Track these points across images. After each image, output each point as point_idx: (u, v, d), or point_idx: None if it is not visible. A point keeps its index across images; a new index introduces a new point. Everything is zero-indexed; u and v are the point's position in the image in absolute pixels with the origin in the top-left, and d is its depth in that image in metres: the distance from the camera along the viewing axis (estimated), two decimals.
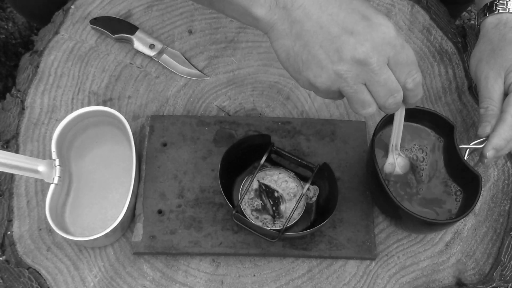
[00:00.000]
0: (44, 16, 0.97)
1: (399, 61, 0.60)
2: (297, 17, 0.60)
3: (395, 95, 0.61)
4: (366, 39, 0.58)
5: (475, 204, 0.71)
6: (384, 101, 0.61)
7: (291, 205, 0.77)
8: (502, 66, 0.76)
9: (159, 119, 0.84)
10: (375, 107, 0.62)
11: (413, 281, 0.78)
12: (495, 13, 0.81)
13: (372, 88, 0.60)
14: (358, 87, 0.60)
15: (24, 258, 0.77)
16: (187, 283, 0.76)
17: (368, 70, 0.59)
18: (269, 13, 0.61)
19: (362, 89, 0.60)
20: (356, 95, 0.61)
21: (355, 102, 0.62)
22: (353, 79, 0.59)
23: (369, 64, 0.58)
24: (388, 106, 0.62)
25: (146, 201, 0.79)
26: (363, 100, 0.61)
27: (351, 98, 0.61)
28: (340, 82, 0.60)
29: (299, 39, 0.60)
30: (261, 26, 0.63)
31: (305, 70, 0.61)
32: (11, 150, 0.83)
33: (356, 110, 0.62)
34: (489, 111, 0.75)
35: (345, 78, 0.59)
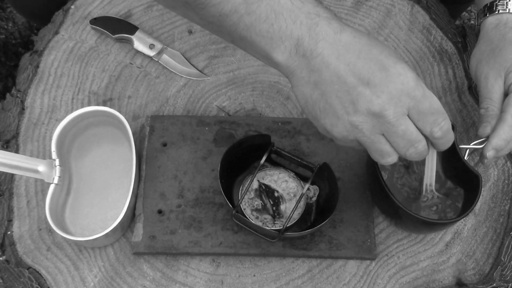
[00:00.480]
0: (44, 16, 0.97)
1: (421, 111, 0.58)
2: (316, 65, 0.59)
3: (415, 145, 0.59)
4: (382, 91, 0.57)
5: (475, 204, 0.71)
6: (404, 152, 0.60)
7: (291, 205, 0.77)
8: (502, 66, 0.76)
9: (159, 119, 0.84)
10: (396, 157, 0.61)
11: (413, 281, 0.78)
12: (495, 13, 0.81)
13: (391, 139, 0.59)
14: (375, 137, 0.59)
15: (24, 258, 0.77)
16: (187, 283, 0.76)
17: (384, 122, 0.58)
18: (289, 60, 0.60)
19: (379, 139, 0.59)
20: (373, 145, 0.60)
21: (374, 152, 0.61)
22: (369, 130, 0.59)
23: (385, 117, 0.57)
24: (409, 156, 0.60)
25: (146, 201, 0.79)
26: (382, 150, 0.60)
27: (369, 148, 0.61)
28: (356, 133, 0.59)
29: (317, 88, 0.60)
30: (282, 71, 0.62)
31: (323, 119, 0.61)
32: (11, 150, 0.83)
33: (375, 159, 0.62)
34: (489, 111, 0.75)
35: (361, 129, 0.59)
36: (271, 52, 0.61)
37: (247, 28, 0.60)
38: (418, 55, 0.92)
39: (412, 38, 0.94)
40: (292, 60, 0.60)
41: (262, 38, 0.60)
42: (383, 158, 0.61)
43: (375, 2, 0.96)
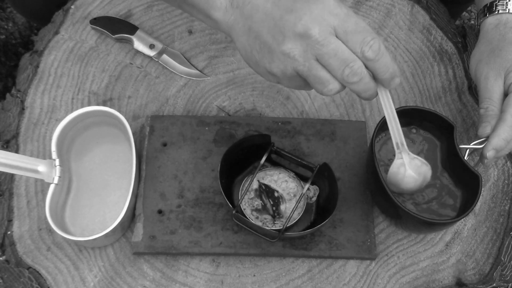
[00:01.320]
0: (44, 16, 0.97)
1: (347, 30, 0.59)
2: (248, 12, 0.62)
3: (350, 65, 0.59)
4: (305, 13, 0.58)
5: (475, 204, 0.71)
6: (340, 74, 0.59)
7: (291, 205, 0.77)
8: (502, 66, 0.76)
9: (159, 119, 0.84)
10: (337, 84, 0.61)
11: (413, 281, 0.78)
12: (495, 13, 0.81)
13: (324, 62, 0.59)
14: (310, 63, 0.60)
15: (24, 258, 0.77)
16: (187, 283, 0.76)
17: (312, 43, 0.58)
18: (226, 15, 0.64)
19: (314, 65, 0.60)
20: (310, 72, 0.60)
21: (314, 82, 0.61)
22: (302, 56, 0.59)
23: (311, 36, 0.58)
24: (347, 79, 0.59)
25: (146, 201, 0.79)
26: (320, 76, 0.60)
27: (308, 77, 0.61)
28: (292, 63, 0.60)
29: (251, 32, 0.62)
30: (222, 28, 0.66)
31: (261, 60, 0.63)
32: (11, 150, 0.83)
33: (318, 90, 0.62)
34: (489, 111, 0.75)
35: (293, 56, 0.59)
36: (209, 10, 0.64)
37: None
38: (418, 55, 0.92)
39: (412, 38, 0.94)
40: (228, 15, 0.64)
41: None
42: (324, 86, 0.60)
43: (375, 2, 0.96)
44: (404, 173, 0.70)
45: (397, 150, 0.69)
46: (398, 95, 0.89)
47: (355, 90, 0.61)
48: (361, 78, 0.60)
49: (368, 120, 0.87)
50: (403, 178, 0.71)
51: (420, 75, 0.91)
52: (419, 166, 0.70)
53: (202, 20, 0.68)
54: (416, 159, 0.70)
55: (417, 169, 0.70)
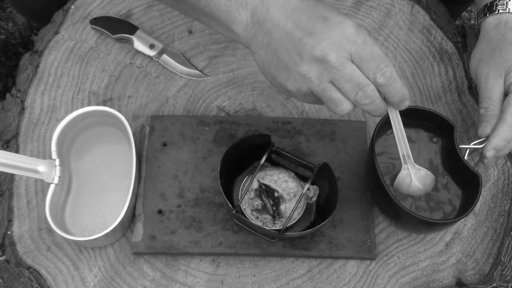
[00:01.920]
0: (44, 16, 0.97)
1: (363, 57, 0.61)
2: (268, 29, 0.64)
3: (363, 89, 0.61)
4: (324, 38, 0.60)
5: (475, 204, 0.71)
6: (354, 96, 0.62)
7: (291, 205, 0.77)
8: (502, 66, 0.76)
9: (159, 119, 0.84)
10: (349, 104, 0.63)
11: (413, 281, 0.78)
12: (495, 13, 0.81)
13: (339, 85, 0.62)
14: (325, 85, 0.62)
15: (24, 258, 0.77)
16: (187, 283, 0.76)
17: (329, 67, 0.61)
18: (246, 29, 0.66)
19: (329, 87, 0.62)
20: (325, 93, 0.62)
21: (327, 101, 0.63)
22: (317, 78, 0.62)
23: (328, 61, 0.60)
24: (360, 101, 0.62)
25: (146, 201, 0.79)
26: (334, 98, 0.62)
27: (322, 97, 0.63)
28: (307, 83, 0.62)
29: (270, 48, 0.64)
30: (242, 41, 0.67)
31: (277, 75, 0.65)
32: (11, 150, 0.83)
33: (331, 110, 0.64)
34: (489, 111, 0.75)
35: (309, 78, 0.62)
36: (231, 24, 0.66)
37: (207, 4, 0.66)
38: (418, 55, 0.92)
39: (412, 38, 0.94)
40: (249, 29, 0.65)
41: (221, 12, 0.66)
42: (337, 106, 0.63)
43: (375, 2, 0.96)
44: (410, 183, 0.72)
45: (404, 162, 0.71)
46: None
47: (366, 110, 0.64)
48: (373, 101, 0.62)
49: (368, 120, 0.87)
50: (409, 188, 0.73)
51: (420, 75, 0.91)
52: (423, 176, 0.72)
53: (220, 32, 0.70)
54: (421, 170, 0.72)
55: (421, 179, 0.72)
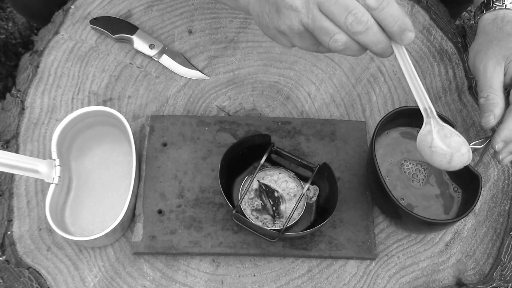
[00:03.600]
0: (44, 16, 0.97)
1: None
2: None
3: (353, 12, 0.56)
4: None
5: (475, 204, 0.71)
6: (344, 22, 0.57)
7: (291, 205, 0.77)
8: (502, 55, 0.75)
9: (159, 119, 0.84)
10: (343, 35, 0.58)
11: (413, 281, 0.78)
12: (491, 9, 0.81)
13: (326, 11, 0.58)
14: (314, 13, 0.58)
15: (24, 258, 0.77)
16: (187, 283, 0.76)
17: None
18: None
19: (318, 15, 0.58)
20: (315, 24, 0.59)
21: (319, 34, 0.60)
22: (304, 6, 0.59)
23: None
24: (352, 28, 0.57)
25: (146, 201, 0.79)
26: (324, 27, 0.59)
27: (314, 30, 0.60)
28: (296, 15, 0.59)
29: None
30: (242, 6, 0.68)
31: (270, 21, 0.63)
32: (11, 150, 0.83)
33: (325, 44, 0.60)
34: (490, 100, 0.73)
35: (296, 7, 0.59)
36: None
37: None
38: (418, 55, 0.92)
39: None
40: None
41: None
42: (329, 36, 0.58)
43: None
44: (431, 142, 0.64)
45: (425, 116, 0.64)
46: (398, 95, 0.89)
47: (364, 42, 0.58)
48: (367, 28, 0.57)
49: (368, 120, 0.87)
50: (429, 148, 0.64)
51: (420, 75, 0.91)
52: (448, 136, 0.64)
53: (223, 2, 0.72)
54: (446, 128, 0.63)
55: (445, 139, 0.64)
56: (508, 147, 0.72)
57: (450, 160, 0.64)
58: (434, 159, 0.65)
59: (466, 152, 0.64)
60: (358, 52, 0.60)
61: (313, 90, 0.89)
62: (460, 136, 0.64)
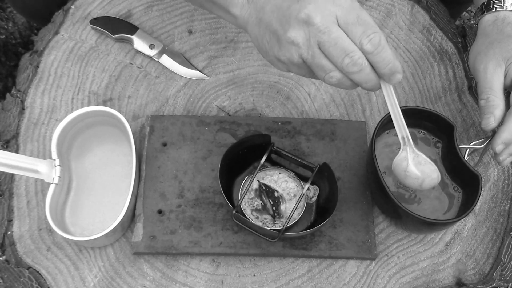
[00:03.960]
0: (44, 16, 0.97)
1: (348, 21, 0.60)
2: (260, 5, 0.66)
3: (350, 55, 0.60)
4: (310, 2, 0.61)
5: (475, 204, 0.71)
6: (340, 63, 0.61)
7: (291, 205, 0.77)
8: (502, 57, 0.75)
9: (159, 119, 0.84)
10: (338, 73, 0.62)
11: (413, 281, 0.78)
12: (492, 11, 0.81)
13: (325, 50, 0.61)
14: (313, 51, 0.61)
15: (24, 258, 0.77)
16: (187, 283, 0.76)
17: (314, 30, 0.60)
18: (243, 11, 0.67)
19: (317, 53, 0.61)
20: (314, 60, 0.62)
21: (316, 69, 0.63)
22: (305, 43, 0.61)
23: (314, 24, 0.60)
24: (347, 69, 0.61)
25: (146, 201, 0.79)
26: (322, 65, 0.62)
27: (311, 65, 0.63)
28: (296, 50, 0.62)
29: (262, 23, 0.65)
30: (240, 24, 0.69)
31: (270, 49, 0.65)
32: (11, 150, 0.83)
33: (320, 78, 0.63)
34: (490, 101, 0.73)
35: (297, 43, 0.61)
36: (229, 7, 0.69)
37: None
38: (418, 55, 0.92)
39: (412, 38, 0.94)
40: (245, 10, 0.68)
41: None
42: (325, 73, 0.62)
43: (375, 2, 0.96)
44: (406, 167, 0.70)
45: (402, 143, 0.69)
46: (398, 95, 0.89)
47: (356, 80, 0.62)
48: (361, 69, 0.61)
49: (368, 120, 0.87)
50: (404, 172, 0.70)
51: (420, 75, 0.91)
52: (422, 163, 0.69)
53: (221, 16, 0.72)
54: (421, 156, 0.69)
55: (419, 166, 0.69)
56: (509, 148, 0.73)
57: (421, 183, 0.71)
58: (407, 181, 0.71)
59: (436, 177, 0.70)
60: (350, 87, 0.64)
61: (313, 90, 0.89)
62: (432, 164, 0.70)
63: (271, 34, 0.64)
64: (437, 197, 0.77)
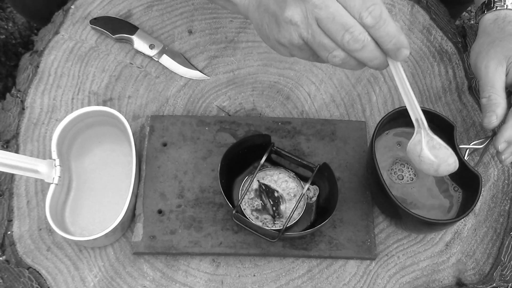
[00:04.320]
0: (44, 16, 0.97)
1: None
2: None
3: (350, 30, 0.57)
4: None
5: (475, 204, 0.71)
6: (341, 40, 0.57)
7: (291, 205, 0.77)
8: (503, 55, 0.75)
9: (159, 119, 0.84)
10: (340, 51, 0.59)
11: (413, 281, 0.78)
12: (493, 10, 0.81)
13: (324, 27, 0.58)
14: (313, 29, 0.59)
15: (24, 258, 0.77)
16: (187, 283, 0.76)
17: (311, 6, 0.57)
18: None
19: (317, 31, 0.59)
20: (314, 40, 0.59)
21: (318, 49, 0.60)
22: (303, 22, 0.59)
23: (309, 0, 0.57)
24: (349, 46, 0.58)
25: (146, 201, 0.79)
26: (323, 43, 0.59)
27: (313, 45, 0.60)
28: (296, 29, 0.60)
29: (261, 6, 0.63)
30: (241, 11, 0.68)
31: (270, 33, 0.63)
32: (11, 150, 0.83)
33: (324, 58, 0.61)
34: (492, 100, 0.73)
35: (295, 22, 0.59)
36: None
37: None
38: (418, 55, 0.92)
39: (412, 38, 0.94)
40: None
41: None
42: (328, 52, 0.59)
43: None
44: (420, 152, 0.66)
45: (416, 126, 0.65)
46: (398, 95, 0.89)
47: (360, 58, 0.59)
48: (363, 46, 0.58)
49: (368, 120, 0.87)
50: (419, 157, 0.66)
51: (420, 75, 0.91)
52: (436, 147, 0.65)
53: (223, 5, 0.71)
54: (435, 139, 0.65)
55: (434, 151, 0.65)
56: (511, 147, 0.72)
57: (437, 169, 0.66)
58: (422, 167, 0.67)
59: (452, 162, 0.65)
60: (356, 67, 0.61)
61: (313, 90, 0.89)
62: (448, 148, 0.65)
63: (270, 17, 0.62)
64: (437, 197, 0.77)
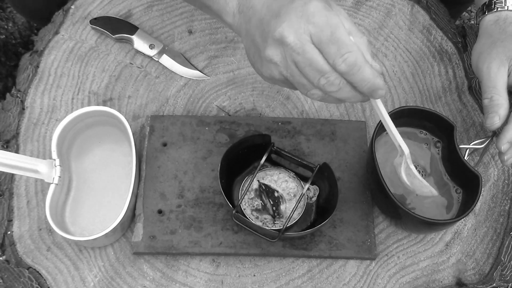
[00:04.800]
0: (44, 16, 0.97)
1: (322, 40, 0.57)
2: (248, 16, 0.64)
3: (326, 76, 0.58)
4: (284, 20, 0.58)
5: (475, 204, 0.71)
6: (317, 83, 0.59)
7: (291, 205, 0.77)
8: (505, 56, 0.75)
9: (159, 119, 0.84)
10: (319, 91, 0.60)
11: (413, 281, 0.78)
12: (493, 11, 0.81)
13: (302, 70, 0.59)
14: (292, 70, 0.60)
15: (24, 258, 0.77)
16: (187, 283, 0.76)
17: (289, 50, 0.58)
18: (235, 19, 0.67)
19: (295, 71, 0.60)
20: (294, 78, 0.61)
21: (297, 86, 0.62)
22: (282, 62, 0.60)
23: (287, 44, 0.58)
24: (324, 88, 0.59)
25: (146, 201, 0.79)
26: (303, 83, 0.61)
27: (293, 82, 0.62)
28: (275, 68, 0.61)
29: (249, 35, 0.64)
30: (235, 31, 0.68)
31: (255, 63, 0.65)
32: (11, 150, 0.83)
33: (304, 94, 0.62)
34: (494, 100, 0.73)
35: (275, 62, 0.60)
36: (222, 15, 0.68)
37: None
38: (418, 55, 0.92)
39: (412, 38, 0.94)
40: (237, 19, 0.67)
41: (213, 3, 0.68)
42: (307, 90, 0.61)
43: (375, 2, 0.96)
44: (399, 173, 0.71)
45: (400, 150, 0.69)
46: (398, 95, 0.89)
47: (337, 97, 0.61)
48: (339, 88, 0.59)
49: (368, 120, 0.87)
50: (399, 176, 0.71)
51: (420, 75, 0.91)
52: (412, 177, 0.70)
53: (220, 21, 0.71)
54: (412, 170, 0.69)
55: (410, 178, 0.70)
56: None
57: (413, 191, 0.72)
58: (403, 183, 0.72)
59: (427, 192, 0.70)
60: (336, 102, 0.63)
61: None
62: (422, 181, 0.70)
63: (255, 49, 0.63)
64: (437, 197, 0.77)
